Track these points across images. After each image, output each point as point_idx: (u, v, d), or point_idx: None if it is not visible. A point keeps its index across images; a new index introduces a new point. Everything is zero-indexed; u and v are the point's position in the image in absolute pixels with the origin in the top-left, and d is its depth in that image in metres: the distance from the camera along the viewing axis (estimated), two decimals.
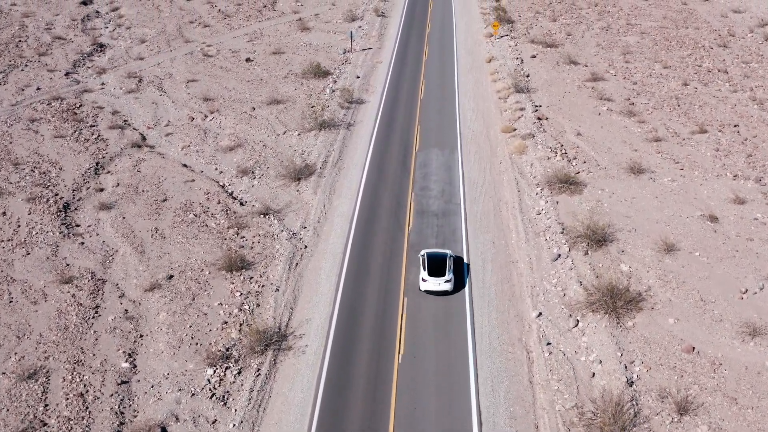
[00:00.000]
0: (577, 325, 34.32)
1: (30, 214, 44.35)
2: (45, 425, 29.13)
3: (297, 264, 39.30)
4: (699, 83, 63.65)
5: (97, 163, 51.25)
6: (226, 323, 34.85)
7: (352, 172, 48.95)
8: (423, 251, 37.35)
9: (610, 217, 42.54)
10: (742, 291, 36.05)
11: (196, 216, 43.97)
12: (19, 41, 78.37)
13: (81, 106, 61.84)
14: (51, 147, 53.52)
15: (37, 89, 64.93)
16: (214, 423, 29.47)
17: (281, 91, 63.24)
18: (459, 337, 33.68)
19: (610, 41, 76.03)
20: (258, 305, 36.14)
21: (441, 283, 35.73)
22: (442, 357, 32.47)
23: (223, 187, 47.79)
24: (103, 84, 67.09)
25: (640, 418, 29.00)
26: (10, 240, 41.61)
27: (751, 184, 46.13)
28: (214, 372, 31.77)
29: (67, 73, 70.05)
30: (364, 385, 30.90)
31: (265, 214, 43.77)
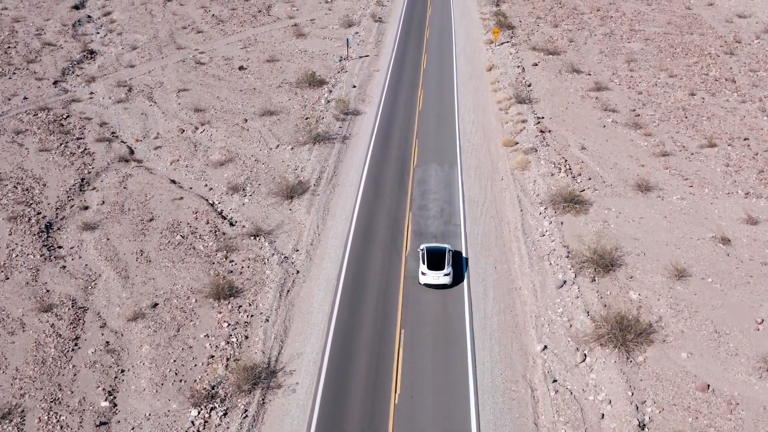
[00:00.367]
0: (584, 360, 32.35)
1: (11, 234, 42.36)
2: None
3: (288, 291, 37.31)
4: (706, 93, 61.69)
5: (82, 179, 49.26)
6: (212, 357, 32.87)
7: (347, 190, 46.96)
8: (422, 245, 37.94)
9: (617, 239, 40.59)
10: (757, 321, 34.13)
11: (183, 237, 41.99)
12: (8, 47, 76.34)
13: (68, 117, 59.85)
14: (35, 161, 51.52)
15: (24, 99, 62.93)
16: None
17: (275, 101, 61.23)
18: (459, 373, 31.70)
19: (614, 48, 74.06)
20: (246, 337, 34.15)
21: (440, 277, 36.37)
22: (441, 397, 30.48)
23: (212, 205, 45.81)
24: (91, 93, 65.12)
25: None
26: None
27: (764, 203, 44.20)
28: (199, 413, 29.79)
29: (55, 82, 68.09)
30: (357, 429, 28.93)
31: (255, 236, 41.79)
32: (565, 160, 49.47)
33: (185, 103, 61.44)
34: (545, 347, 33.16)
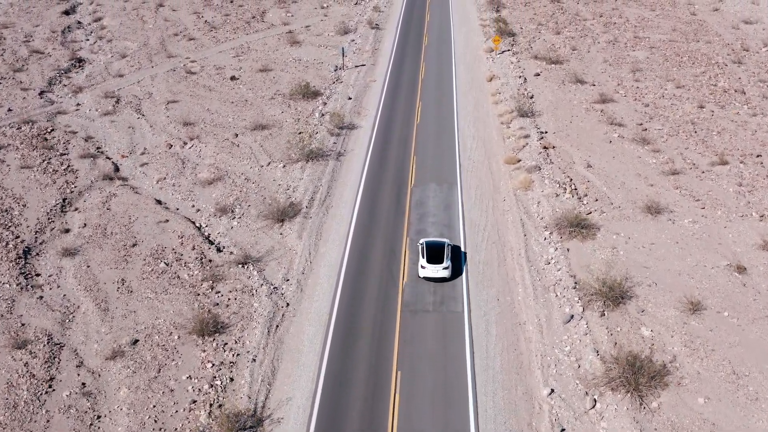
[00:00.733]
0: (594, 407, 30.09)
1: None
2: None
3: (277, 327, 35.01)
4: (715, 105, 59.42)
5: (64, 199, 46.96)
6: (194, 403, 30.60)
7: (341, 212, 44.65)
8: (422, 240, 38.37)
9: (627, 267, 38.33)
10: None
11: (167, 265, 39.70)
12: None
13: (53, 130, 57.56)
14: (16, 179, 49.22)
15: (9, 111, 60.63)
16: None
17: (267, 114, 58.91)
18: (461, 421, 29.42)
19: (618, 56, 71.77)
20: (231, 379, 31.86)
21: (439, 270, 36.89)
22: None
23: (199, 228, 43.53)
24: (78, 105, 62.87)
25: None
26: None
27: None
28: None
29: (41, 93, 65.82)
30: None
31: (243, 264, 39.50)
32: (570, 179, 47.21)
33: (174, 116, 59.13)
34: (552, 391, 30.91)
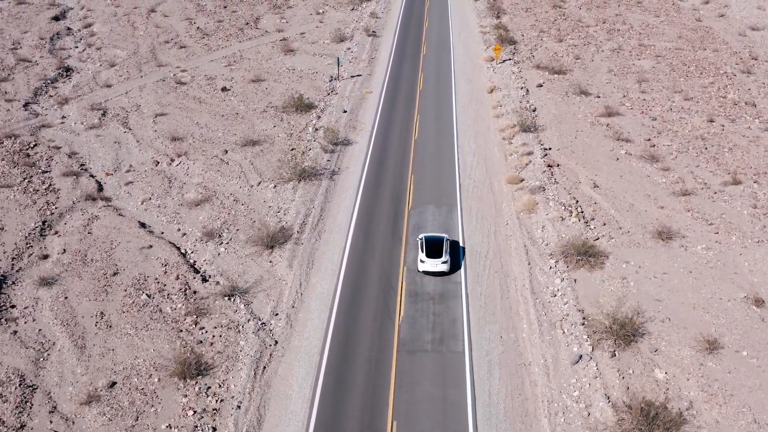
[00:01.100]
0: None
1: None
2: None
3: (264, 368, 32.63)
4: (725, 119, 57.07)
5: (44, 222, 44.59)
6: None
7: (334, 238, 42.27)
8: (421, 235, 39.34)
9: (638, 300, 35.99)
10: None
11: (149, 297, 37.33)
12: None
13: (36, 145, 55.17)
14: None
15: None
16: None
17: (258, 128, 56.51)
18: None
19: (623, 66, 69.40)
20: (214, 429, 29.50)
21: (438, 264, 37.55)
22: None
23: (184, 255, 41.16)
24: (63, 118, 60.47)
25: None
26: None
27: None
28: None
29: (26, 104, 63.44)
30: None
31: (230, 296, 37.13)
32: (577, 201, 44.86)
33: (162, 130, 56.73)
34: None
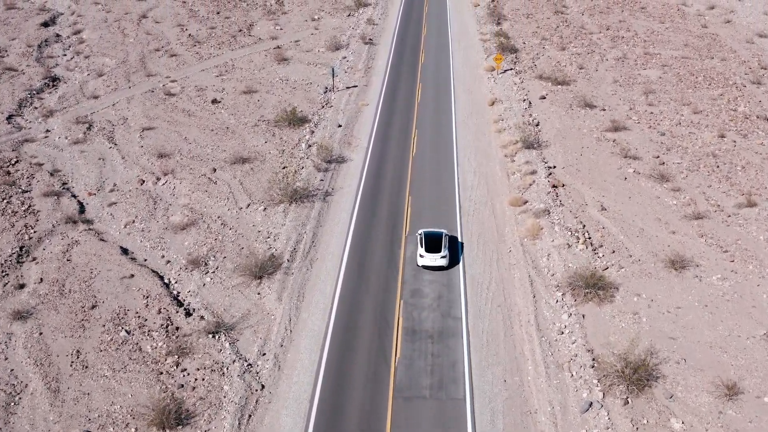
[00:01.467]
0: None
1: None
2: None
3: (250, 416, 30.19)
4: (737, 134, 54.67)
5: (21, 247, 42.15)
6: None
7: (326, 267, 39.81)
8: (420, 230, 39.91)
9: (651, 338, 33.58)
10: None
11: (128, 333, 34.87)
12: None
13: (17, 162, 52.69)
14: None
15: None
16: None
17: (249, 144, 54.04)
18: None
19: (628, 76, 66.99)
20: None
21: (437, 259, 38.21)
22: None
23: (167, 285, 38.70)
24: (47, 131, 58.00)
25: None
26: None
27: None
28: None
29: (9, 117, 60.93)
30: None
31: (214, 333, 34.68)
32: (584, 226, 42.45)
33: (149, 146, 54.26)
34: None
